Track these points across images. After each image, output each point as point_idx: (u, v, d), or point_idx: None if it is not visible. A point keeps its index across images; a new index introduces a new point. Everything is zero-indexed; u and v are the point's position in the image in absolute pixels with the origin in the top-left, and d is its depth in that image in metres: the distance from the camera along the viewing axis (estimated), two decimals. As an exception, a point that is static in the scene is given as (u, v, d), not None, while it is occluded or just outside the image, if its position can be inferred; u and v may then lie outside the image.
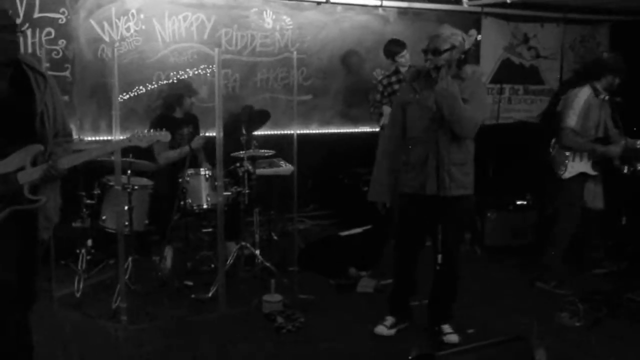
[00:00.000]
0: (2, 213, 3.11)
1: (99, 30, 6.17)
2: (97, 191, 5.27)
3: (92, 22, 6.15)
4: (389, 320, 4.34)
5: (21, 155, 3.15)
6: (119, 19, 6.24)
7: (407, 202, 4.12)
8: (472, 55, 6.61)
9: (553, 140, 5.37)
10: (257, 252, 5.52)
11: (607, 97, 5.11)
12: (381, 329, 4.32)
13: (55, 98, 3.25)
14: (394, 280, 4.45)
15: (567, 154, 5.21)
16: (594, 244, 5.58)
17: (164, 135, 3.81)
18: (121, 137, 3.97)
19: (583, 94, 5.18)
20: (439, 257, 3.77)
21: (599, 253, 5.60)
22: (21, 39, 3.92)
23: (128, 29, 6.29)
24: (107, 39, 6.19)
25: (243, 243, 5.46)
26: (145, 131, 3.79)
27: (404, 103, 4.06)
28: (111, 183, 5.07)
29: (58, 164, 3.19)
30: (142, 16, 6.34)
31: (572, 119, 5.15)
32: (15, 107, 3.11)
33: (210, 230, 5.86)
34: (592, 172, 5.16)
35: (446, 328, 4.23)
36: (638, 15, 8.66)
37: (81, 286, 4.90)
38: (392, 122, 4.17)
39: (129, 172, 4.96)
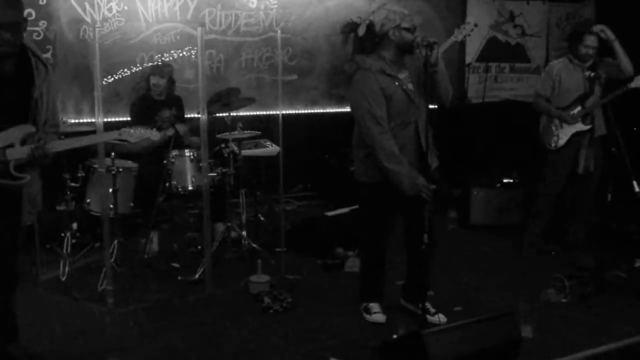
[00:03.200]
0: None
1: (80, 11, 6.09)
2: (81, 174, 5.22)
3: (73, 2, 6.06)
4: (376, 305, 4.32)
5: (12, 133, 3.21)
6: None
7: (383, 189, 4.04)
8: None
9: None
10: (244, 233, 5.50)
11: (592, 74, 5.12)
12: (379, 317, 4.27)
13: (51, 88, 3.34)
14: (373, 268, 4.36)
15: (553, 126, 5.27)
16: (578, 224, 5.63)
17: (154, 135, 3.80)
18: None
19: (556, 63, 5.45)
20: (425, 236, 3.76)
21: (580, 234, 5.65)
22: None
23: (110, 10, 6.21)
24: (88, 19, 6.11)
25: (229, 224, 5.44)
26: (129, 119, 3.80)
27: (388, 95, 3.91)
28: (95, 166, 5.02)
29: (46, 147, 3.23)
30: (124, -4, 6.26)
31: (539, 84, 5.52)
32: (15, 89, 3.20)
33: (196, 211, 5.84)
34: (584, 127, 5.24)
35: (430, 307, 4.23)
36: (624, -8, 8.66)
37: (67, 270, 4.88)
38: (378, 118, 3.88)
39: (112, 154, 4.92)
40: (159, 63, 5.87)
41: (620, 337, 3.99)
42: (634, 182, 4.63)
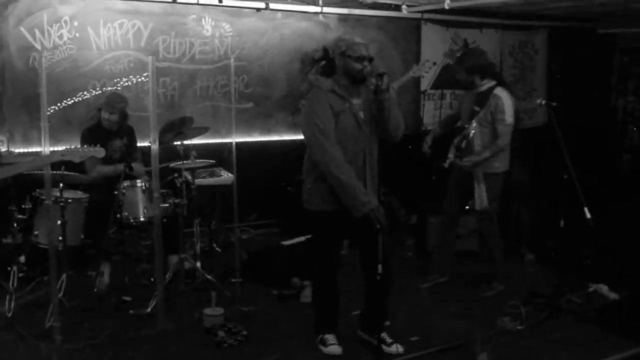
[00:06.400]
0: None
1: (30, 38, 5.96)
2: (28, 205, 5.07)
3: (23, 29, 5.93)
4: (332, 337, 4.26)
5: None
6: (51, 27, 6.04)
7: (332, 218, 4.02)
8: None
9: None
10: (198, 264, 5.40)
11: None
12: (335, 349, 4.21)
13: None
14: (325, 297, 4.30)
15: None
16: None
17: (99, 152, 3.73)
18: (53, 150, 3.83)
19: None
20: (380, 267, 3.72)
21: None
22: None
23: (61, 37, 6.10)
24: (39, 47, 5.98)
25: (183, 255, 5.34)
26: (79, 146, 3.70)
27: (336, 113, 3.91)
28: (43, 197, 4.88)
29: None
30: (75, 23, 6.15)
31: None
32: None
33: (149, 242, 5.71)
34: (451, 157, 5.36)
35: (387, 337, 4.19)
36: (574, 21, 8.89)
37: (12, 305, 4.70)
38: (327, 133, 3.86)
39: (61, 185, 4.79)
40: (112, 96, 5.71)
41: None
42: (585, 209, 4.69)
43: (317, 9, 7.30)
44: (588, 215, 4.68)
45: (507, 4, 7.30)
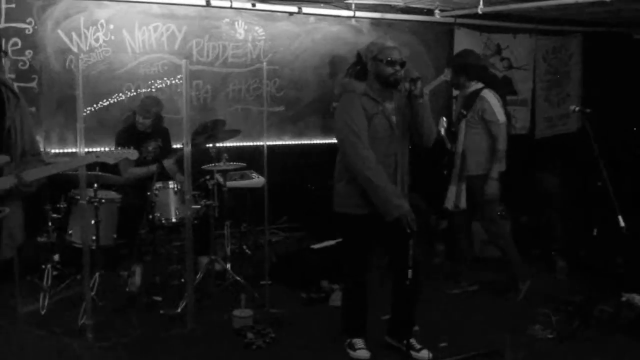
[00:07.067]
0: None
1: (66, 41, 6.07)
2: (63, 205, 5.16)
3: (60, 32, 6.04)
4: (360, 341, 4.25)
5: None
6: (88, 29, 6.14)
7: (363, 221, 4.02)
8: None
9: None
10: (228, 266, 5.44)
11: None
12: (363, 353, 4.19)
13: (24, 117, 3.29)
14: (355, 302, 4.28)
15: None
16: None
17: (132, 153, 3.77)
18: (88, 151, 3.89)
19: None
20: (410, 272, 3.71)
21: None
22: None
23: (97, 40, 6.19)
24: (75, 49, 6.09)
25: (213, 257, 5.38)
26: (114, 148, 3.77)
27: (369, 116, 3.92)
28: (77, 197, 4.96)
29: (23, 176, 3.17)
30: (111, 26, 6.25)
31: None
32: None
33: (179, 244, 5.77)
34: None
35: (416, 343, 4.17)
36: (609, 26, 8.76)
37: (47, 303, 4.79)
38: (360, 136, 3.87)
39: (95, 185, 4.87)
40: (147, 99, 5.76)
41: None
42: (619, 217, 4.62)
43: (350, 13, 7.31)
44: (622, 224, 4.61)
45: (541, 9, 7.23)
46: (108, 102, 6.23)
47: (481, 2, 6.62)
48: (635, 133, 9.07)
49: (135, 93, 6.35)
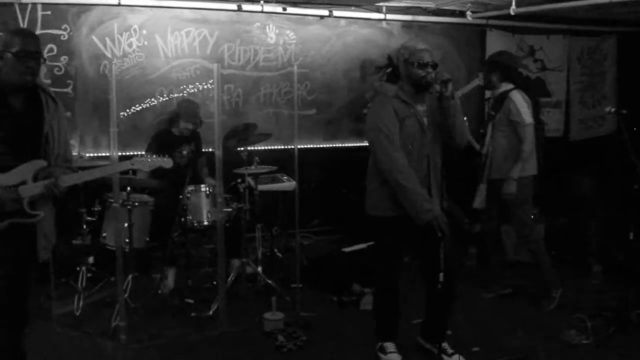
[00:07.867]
0: (1, 224, 3.15)
1: (101, 46, 6.17)
2: (97, 208, 5.24)
3: (94, 38, 6.15)
4: (392, 345, 4.21)
5: (24, 169, 3.21)
6: (121, 35, 6.25)
7: (395, 224, 3.98)
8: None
9: None
10: (259, 269, 5.46)
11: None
12: (395, 357, 4.15)
13: (61, 124, 3.37)
14: (387, 305, 4.24)
15: None
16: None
17: (166, 162, 3.81)
18: (121, 155, 3.93)
19: None
20: (441, 275, 3.68)
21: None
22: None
23: (130, 45, 6.29)
24: (109, 54, 6.19)
25: (245, 260, 5.40)
26: (149, 156, 3.82)
27: (401, 119, 3.90)
28: (111, 200, 5.02)
29: (59, 181, 3.23)
30: (144, 32, 6.34)
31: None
32: (26, 125, 3.23)
33: (211, 247, 5.81)
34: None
35: (448, 347, 4.13)
36: (645, 26, 8.61)
37: (81, 304, 4.85)
38: (392, 139, 3.85)
39: (128, 189, 4.92)
40: (191, 105, 5.68)
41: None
42: None
43: (381, 15, 7.30)
44: None
45: (574, 9, 7.13)
46: (141, 107, 6.31)
47: (513, 3, 6.56)
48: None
49: (167, 98, 6.44)
